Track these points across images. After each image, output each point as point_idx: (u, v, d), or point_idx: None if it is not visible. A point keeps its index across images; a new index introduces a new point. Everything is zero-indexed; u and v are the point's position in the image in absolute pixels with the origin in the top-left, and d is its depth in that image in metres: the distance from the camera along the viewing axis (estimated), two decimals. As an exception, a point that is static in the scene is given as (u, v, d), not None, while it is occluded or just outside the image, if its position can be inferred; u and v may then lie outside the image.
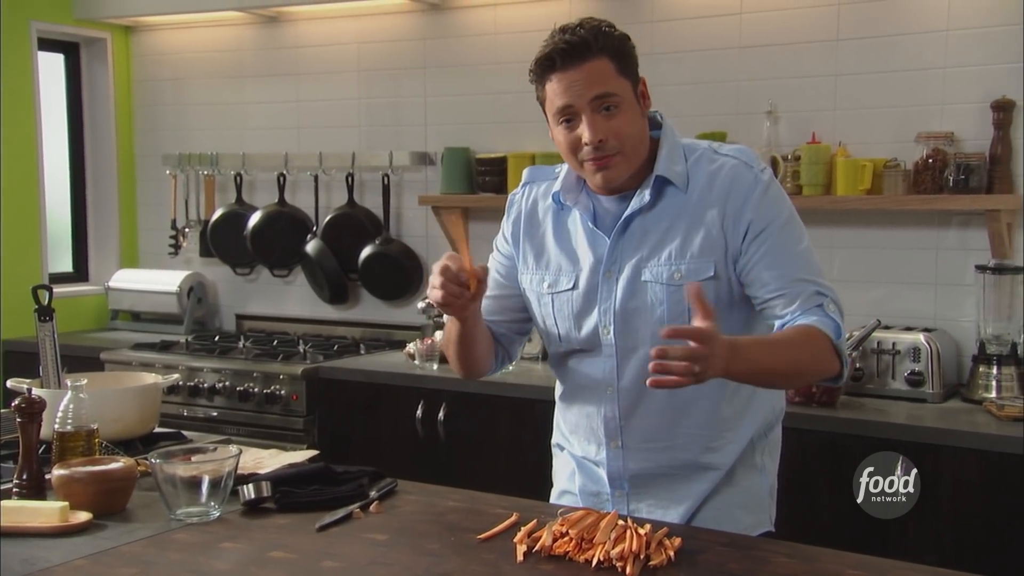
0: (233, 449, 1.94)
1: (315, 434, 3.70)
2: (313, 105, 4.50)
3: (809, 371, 1.86)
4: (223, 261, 4.69)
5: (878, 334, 3.10)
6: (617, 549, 1.60)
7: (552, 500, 2.13)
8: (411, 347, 3.76)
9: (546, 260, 2.04)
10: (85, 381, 2.02)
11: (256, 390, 3.77)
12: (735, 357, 1.69)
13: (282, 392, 3.72)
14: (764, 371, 1.81)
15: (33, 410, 1.94)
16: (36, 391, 1.99)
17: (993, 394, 3.05)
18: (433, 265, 1.88)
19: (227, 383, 3.84)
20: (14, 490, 1.94)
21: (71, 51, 4.93)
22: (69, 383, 2.01)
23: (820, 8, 3.46)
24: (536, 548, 1.65)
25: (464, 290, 1.85)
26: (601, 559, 1.60)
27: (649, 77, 3.80)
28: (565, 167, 2.02)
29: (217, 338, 4.38)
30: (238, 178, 4.62)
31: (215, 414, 3.86)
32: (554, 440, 2.17)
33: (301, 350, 4.00)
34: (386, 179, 4.24)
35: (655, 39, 3.72)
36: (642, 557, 1.60)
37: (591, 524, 1.69)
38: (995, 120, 3.18)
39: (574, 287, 1.99)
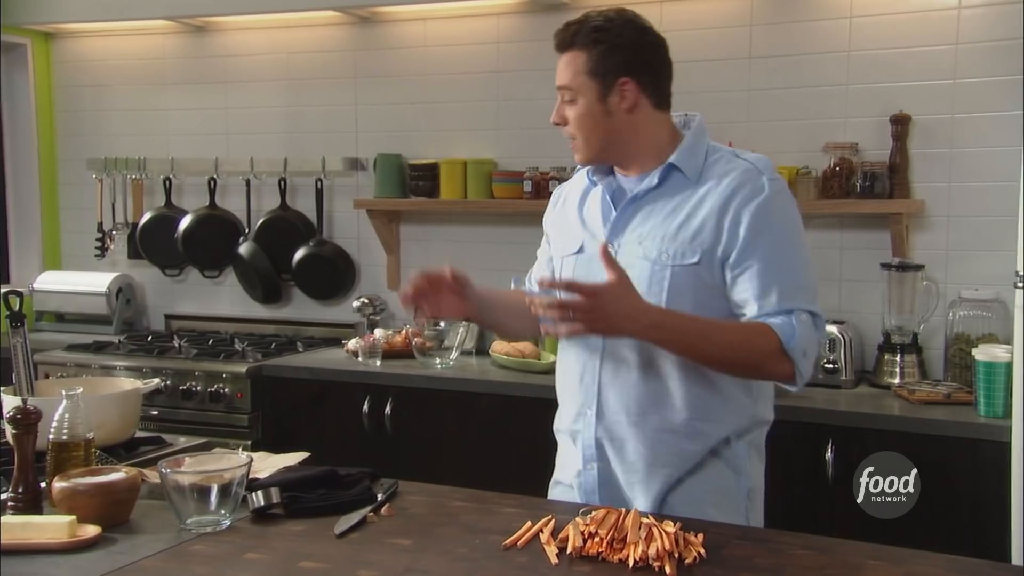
0: (243, 456, 1.74)
1: (259, 431, 3.47)
2: (242, 112, 4.24)
3: (746, 362, 1.80)
4: (152, 263, 4.39)
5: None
6: (652, 549, 1.48)
7: (550, 487, 2.08)
8: (352, 344, 3.57)
9: (565, 229, 2.05)
10: (80, 389, 1.80)
11: (199, 389, 3.52)
12: (656, 326, 1.73)
13: (226, 390, 3.48)
14: (689, 347, 1.79)
15: (29, 421, 1.70)
16: (31, 400, 1.75)
17: (897, 380, 3.06)
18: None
19: (168, 382, 3.56)
20: (9, 504, 1.71)
21: (-10, 56, 4.54)
22: (64, 391, 1.78)
23: (734, 28, 3.42)
24: (569, 550, 1.52)
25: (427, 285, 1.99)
26: (637, 559, 1.48)
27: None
28: None
29: (150, 338, 4.09)
30: (167, 182, 4.32)
31: (155, 412, 3.58)
32: (555, 424, 2.09)
33: (239, 349, 3.76)
34: (319, 183, 4.02)
35: (580, 54, 3.61)
36: (676, 555, 1.49)
37: (617, 523, 1.57)
38: (893, 132, 3.19)
39: (579, 251, 1.98)
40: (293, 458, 2.01)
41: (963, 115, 3.15)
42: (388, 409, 3.27)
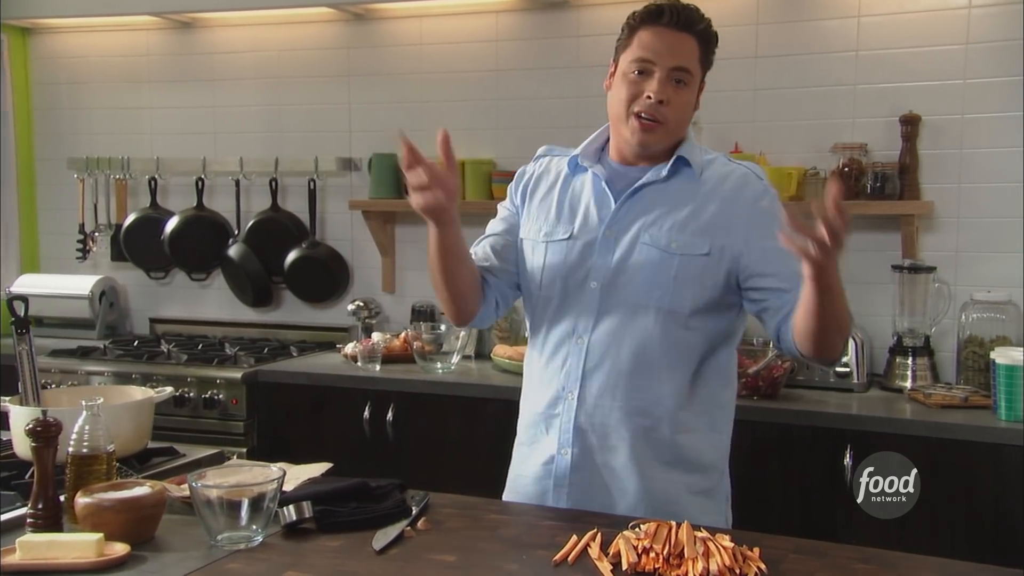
0: (275, 469, 1.68)
1: (255, 438, 3.39)
2: (231, 111, 4.16)
3: (844, 332, 1.79)
4: (137, 265, 4.29)
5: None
6: (713, 565, 1.44)
7: (507, 485, 2.06)
8: (350, 348, 3.50)
9: (547, 212, 2.02)
10: (101, 400, 1.72)
11: (192, 395, 3.43)
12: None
13: (220, 396, 3.39)
14: (840, 307, 1.72)
15: (49, 434, 1.63)
16: (51, 412, 1.67)
17: (909, 383, 3.04)
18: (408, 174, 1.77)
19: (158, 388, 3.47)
20: (29, 521, 1.63)
21: (-36, 52, 4.42)
22: (84, 402, 1.71)
23: (740, 27, 3.39)
24: (624, 567, 1.48)
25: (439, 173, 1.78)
26: None
27: (577, 89, 3.70)
28: (585, 142, 2.02)
29: (136, 343, 3.99)
30: (152, 183, 4.23)
31: (146, 420, 3.49)
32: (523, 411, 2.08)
33: (231, 354, 3.68)
34: (311, 184, 3.95)
35: (583, 53, 3.58)
36: (736, 571, 1.45)
37: (670, 537, 1.52)
38: (903, 133, 3.18)
39: (570, 238, 1.96)
40: (316, 469, 1.95)
41: (973, 115, 3.14)
42: (390, 415, 3.21)
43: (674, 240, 1.88)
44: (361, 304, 3.85)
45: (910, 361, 3.07)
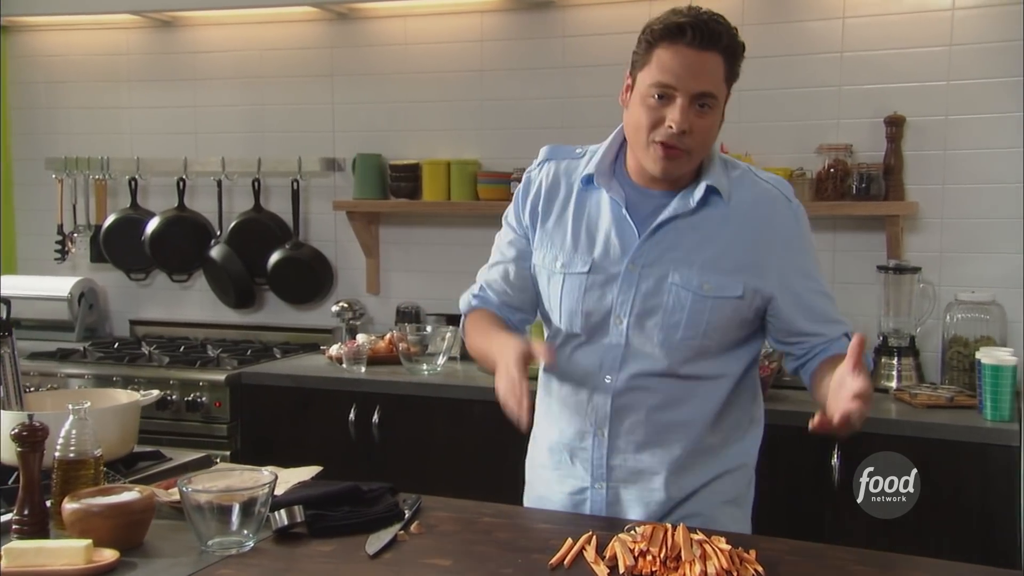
0: (267, 474, 1.66)
1: (239, 441, 3.36)
2: (212, 111, 4.12)
3: None
4: (117, 267, 4.25)
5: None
6: (711, 567, 1.43)
7: (528, 503, 1.99)
8: (334, 350, 3.47)
9: (562, 238, 1.86)
10: (88, 403, 1.70)
11: (174, 398, 3.40)
12: None
13: (203, 399, 3.36)
14: None
15: (36, 438, 1.61)
16: (37, 416, 1.65)
17: (894, 383, 3.05)
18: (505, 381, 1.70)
19: (141, 391, 3.43)
20: (14, 527, 1.61)
21: (-58, 51, 4.36)
22: (71, 406, 1.68)
23: (725, 27, 3.39)
24: (621, 570, 1.47)
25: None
26: (696, 578, 1.43)
27: (564, 90, 3.69)
28: (600, 149, 1.86)
29: (116, 345, 3.95)
30: (132, 183, 4.19)
31: (127, 423, 3.46)
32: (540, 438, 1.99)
33: (213, 356, 3.65)
34: (295, 184, 3.92)
35: (568, 53, 3.57)
36: (733, 574, 1.44)
37: (666, 539, 1.51)
38: (888, 134, 3.19)
39: (590, 271, 1.82)
40: (306, 472, 1.93)
41: (957, 116, 3.16)
42: (376, 417, 3.19)
43: (706, 282, 1.76)
44: (345, 305, 3.83)
45: (895, 361, 3.08)
